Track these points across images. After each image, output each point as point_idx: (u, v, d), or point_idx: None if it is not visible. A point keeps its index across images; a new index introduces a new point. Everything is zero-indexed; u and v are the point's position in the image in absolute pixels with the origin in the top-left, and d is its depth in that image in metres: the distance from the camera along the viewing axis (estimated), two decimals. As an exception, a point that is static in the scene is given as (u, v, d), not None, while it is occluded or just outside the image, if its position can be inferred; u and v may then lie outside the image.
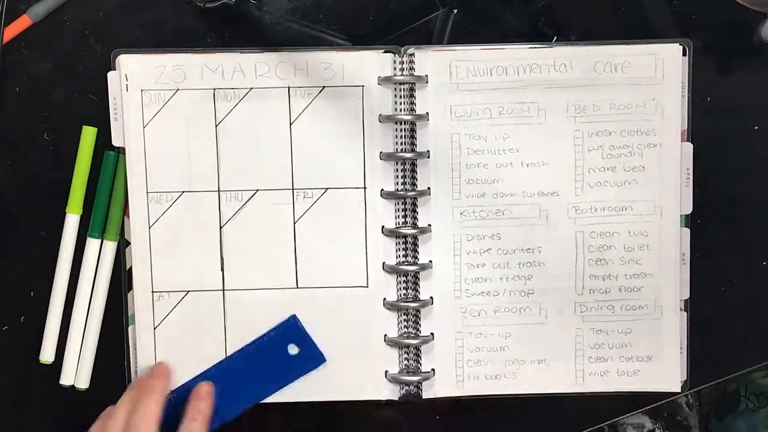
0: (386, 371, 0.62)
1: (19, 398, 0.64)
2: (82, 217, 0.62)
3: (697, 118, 0.62)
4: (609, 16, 0.63)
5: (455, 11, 0.62)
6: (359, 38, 0.62)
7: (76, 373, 0.63)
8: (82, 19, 0.62)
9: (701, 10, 0.63)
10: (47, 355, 0.63)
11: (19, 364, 0.64)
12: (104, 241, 0.62)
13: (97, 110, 0.61)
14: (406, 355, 0.62)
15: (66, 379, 0.63)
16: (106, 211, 0.62)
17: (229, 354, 0.61)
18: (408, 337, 0.62)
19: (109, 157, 0.61)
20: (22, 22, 0.61)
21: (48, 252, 0.62)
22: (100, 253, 0.62)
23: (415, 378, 0.62)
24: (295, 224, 0.61)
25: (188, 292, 0.61)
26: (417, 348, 0.62)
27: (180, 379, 0.62)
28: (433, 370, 0.62)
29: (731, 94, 0.62)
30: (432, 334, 0.62)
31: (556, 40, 0.62)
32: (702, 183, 0.62)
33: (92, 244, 0.62)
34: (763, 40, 0.61)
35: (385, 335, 0.62)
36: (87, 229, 0.62)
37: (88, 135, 0.62)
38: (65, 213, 0.62)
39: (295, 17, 0.62)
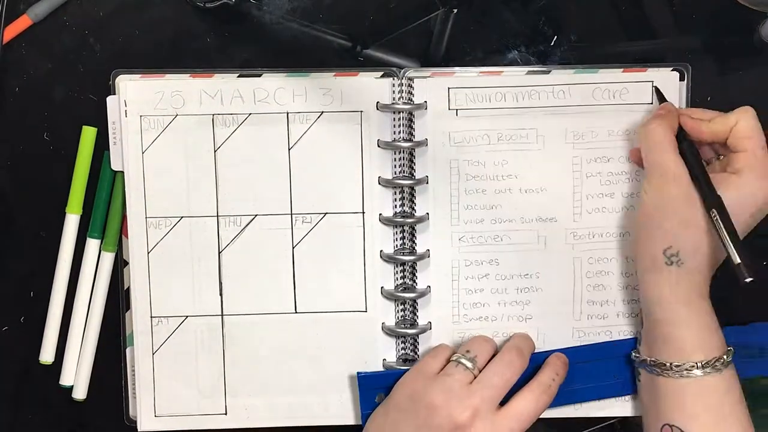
0: (384, 395, 0.62)
1: (19, 398, 0.64)
2: (82, 217, 0.62)
3: None
4: (609, 16, 0.63)
5: (455, 11, 0.62)
6: (359, 38, 0.62)
7: (75, 382, 0.64)
8: (82, 19, 0.62)
9: (701, 10, 0.63)
10: (47, 355, 0.63)
11: (19, 364, 0.64)
12: (102, 252, 0.62)
13: (97, 110, 0.61)
14: (404, 380, 0.63)
15: (66, 379, 0.64)
16: (106, 211, 0.62)
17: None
18: (406, 362, 0.62)
19: (108, 158, 0.61)
20: (22, 22, 0.61)
21: (48, 252, 0.63)
22: (99, 254, 0.63)
23: (413, 402, 0.62)
24: (294, 249, 0.61)
25: (187, 317, 0.62)
26: (415, 372, 0.62)
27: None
28: (431, 394, 0.62)
29: (731, 94, 0.62)
30: (430, 358, 0.62)
31: (556, 40, 0.62)
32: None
33: (92, 245, 0.62)
34: (763, 40, 0.61)
35: (384, 360, 0.62)
36: (87, 229, 0.62)
37: (88, 135, 0.62)
38: (65, 213, 0.62)
39: (295, 17, 0.62)
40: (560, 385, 0.58)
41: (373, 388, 0.60)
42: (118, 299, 0.63)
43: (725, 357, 0.54)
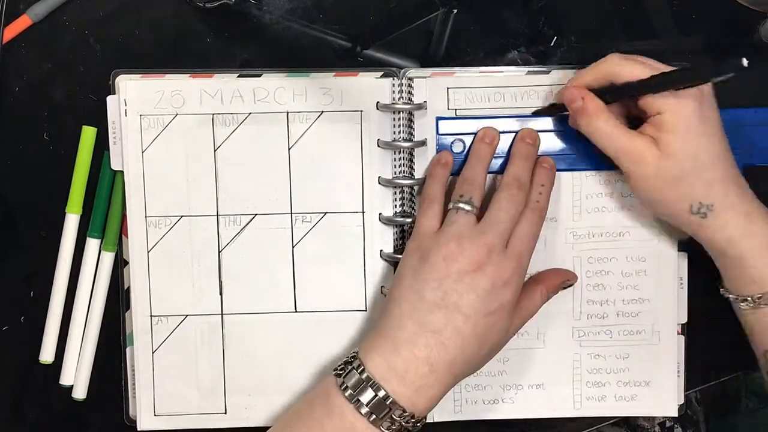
0: (384, 395, 0.62)
1: (19, 398, 0.64)
2: (82, 217, 0.63)
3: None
4: (609, 16, 0.63)
5: (455, 11, 0.62)
6: (359, 38, 0.62)
7: (75, 382, 0.64)
8: (82, 19, 0.62)
9: (701, 10, 0.63)
10: (47, 355, 0.63)
11: (19, 364, 0.64)
12: (102, 251, 0.63)
13: (97, 110, 0.61)
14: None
15: (66, 379, 0.64)
16: (106, 211, 0.62)
17: None
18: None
19: (108, 158, 0.62)
20: (22, 22, 0.61)
21: (48, 252, 0.63)
22: (99, 254, 0.63)
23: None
24: (294, 248, 0.61)
25: (187, 316, 0.62)
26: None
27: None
28: (430, 393, 0.62)
29: (731, 94, 0.62)
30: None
31: (556, 40, 0.62)
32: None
33: (92, 244, 0.63)
34: (763, 40, 0.61)
35: (383, 359, 0.62)
36: (87, 229, 0.63)
37: (88, 135, 0.62)
38: (65, 213, 0.62)
39: (295, 17, 0.62)
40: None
41: None
42: (118, 299, 0.63)
43: None
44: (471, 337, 0.53)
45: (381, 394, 0.52)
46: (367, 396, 0.52)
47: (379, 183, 0.61)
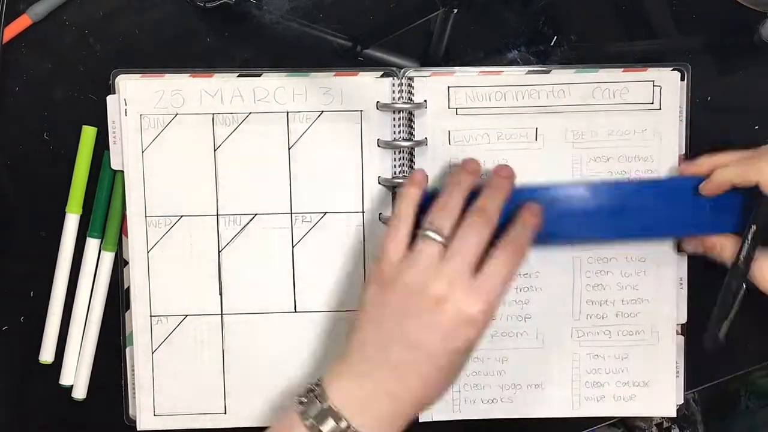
0: (384, 395, 0.62)
1: (19, 398, 0.64)
2: (82, 217, 0.62)
3: (697, 118, 0.62)
4: (609, 16, 0.63)
5: (455, 11, 0.62)
6: (359, 38, 0.62)
7: (75, 382, 0.64)
8: (82, 19, 0.62)
9: (701, 10, 0.63)
10: (47, 354, 0.63)
11: (19, 364, 0.64)
12: (102, 251, 0.62)
13: (97, 110, 0.61)
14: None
15: (66, 379, 0.64)
16: (106, 211, 0.62)
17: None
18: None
19: (108, 158, 0.62)
20: (22, 22, 0.61)
21: (48, 252, 0.63)
22: (99, 254, 0.63)
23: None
24: (294, 248, 0.61)
25: (186, 316, 0.62)
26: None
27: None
28: (430, 393, 0.62)
29: (731, 94, 0.62)
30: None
31: (556, 40, 0.62)
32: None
33: (92, 244, 0.62)
34: (763, 40, 0.61)
35: (383, 359, 0.62)
36: (87, 229, 0.62)
37: (88, 135, 0.62)
38: (65, 213, 0.62)
39: (295, 17, 0.62)
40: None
41: None
42: (117, 299, 0.63)
43: None
44: (433, 373, 0.51)
45: (342, 425, 0.51)
46: (328, 426, 0.51)
47: (379, 183, 0.61)
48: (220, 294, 0.62)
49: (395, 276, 0.52)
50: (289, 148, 0.61)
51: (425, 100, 0.60)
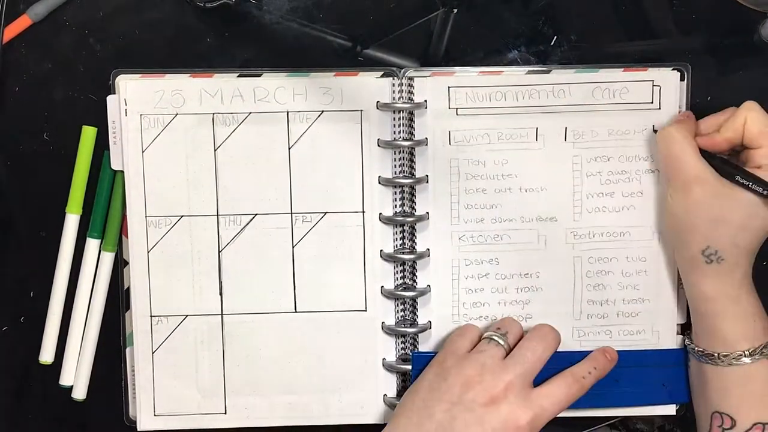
0: (384, 395, 0.62)
1: (19, 398, 0.64)
2: (82, 217, 0.62)
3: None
4: (609, 16, 0.63)
5: (455, 11, 0.62)
6: (359, 38, 0.62)
7: (75, 382, 0.63)
8: (82, 19, 0.62)
9: (701, 10, 0.63)
10: (47, 355, 0.63)
11: (19, 364, 0.64)
12: (102, 252, 0.62)
13: (97, 110, 0.61)
14: (404, 380, 0.62)
15: (66, 379, 0.64)
16: (105, 211, 0.62)
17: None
18: (406, 362, 0.62)
19: (108, 158, 0.61)
20: (22, 22, 0.61)
21: (48, 252, 0.63)
22: (99, 254, 0.63)
23: (413, 402, 0.62)
24: (294, 248, 0.61)
25: (186, 316, 0.61)
26: (415, 372, 0.62)
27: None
28: (430, 393, 0.62)
29: (731, 94, 0.62)
30: (430, 358, 0.62)
31: (556, 40, 0.62)
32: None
33: (92, 244, 0.62)
34: (763, 40, 0.61)
35: (384, 359, 0.62)
36: (87, 229, 0.62)
37: (88, 135, 0.62)
38: (65, 213, 0.62)
39: (295, 17, 0.62)
40: (607, 386, 0.59)
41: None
42: (118, 299, 0.63)
43: None
44: None
45: None
46: None
47: (379, 182, 0.61)
48: (220, 294, 0.61)
49: (454, 366, 0.56)
50: (289, 148, 0.61)
51: (425, 100, 0.60)
